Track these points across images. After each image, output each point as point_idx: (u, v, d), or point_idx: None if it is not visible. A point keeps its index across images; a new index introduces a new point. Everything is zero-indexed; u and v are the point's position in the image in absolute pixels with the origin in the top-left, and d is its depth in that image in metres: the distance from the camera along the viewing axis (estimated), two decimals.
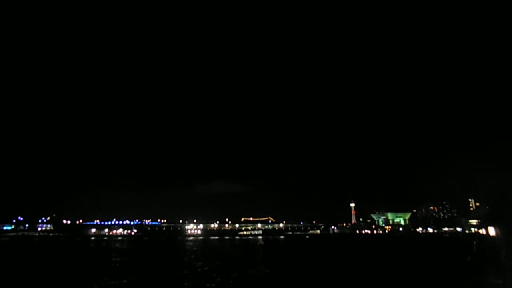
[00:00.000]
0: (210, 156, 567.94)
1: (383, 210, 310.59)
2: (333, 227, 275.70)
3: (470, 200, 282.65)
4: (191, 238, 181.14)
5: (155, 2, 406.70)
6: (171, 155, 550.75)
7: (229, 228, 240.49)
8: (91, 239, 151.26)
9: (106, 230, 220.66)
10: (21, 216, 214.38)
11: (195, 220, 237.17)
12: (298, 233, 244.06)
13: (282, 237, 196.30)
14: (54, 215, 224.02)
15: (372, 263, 46.37)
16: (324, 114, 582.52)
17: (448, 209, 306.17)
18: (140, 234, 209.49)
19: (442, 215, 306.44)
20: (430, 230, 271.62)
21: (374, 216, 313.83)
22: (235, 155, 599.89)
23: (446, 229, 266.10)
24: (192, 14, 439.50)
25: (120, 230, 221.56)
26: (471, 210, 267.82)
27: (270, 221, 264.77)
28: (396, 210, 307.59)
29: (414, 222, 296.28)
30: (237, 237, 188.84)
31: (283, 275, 34.47)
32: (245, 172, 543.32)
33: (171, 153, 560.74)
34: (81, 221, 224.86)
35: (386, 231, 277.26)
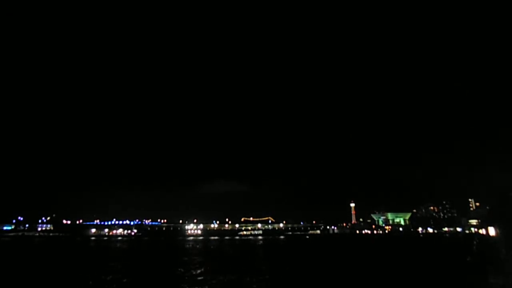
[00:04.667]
0: (210, 156, 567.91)
1: (383, 210, 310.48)
2: (333, 227, 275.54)
3: (470, 200, 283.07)
4: (191, 238, 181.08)
5: (155, 2, 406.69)
6: (171, 155, 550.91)
7: (229, 228, 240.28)
8: (91, 239, 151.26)
9: (106, 230, 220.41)
10: (21, 216, 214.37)
11: (195, 220, 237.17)
12: (298, 233, 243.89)
13: (282, 237, 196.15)
14: (54, 215, 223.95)
15: (372, 263, 46.36)
16: (324, 115, 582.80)
17: (448, 209, 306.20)
18: (140, 234, 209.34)
19: (442, 215, 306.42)
20: (430, 230, 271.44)
21: (374, 216, 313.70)
22: (236, 155, 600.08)
23: (446, 229, 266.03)
24: (192, 14, 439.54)
25: (120, 230, 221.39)
26: (471, 210, 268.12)
27: (270, 221, 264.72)
28: (396, 210, 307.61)
29: (414, 222, 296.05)
30: (237, 237, 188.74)
31: (283, 275, 34.46)
32: (245, 172, 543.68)
33: (171, 153, 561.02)
34: (81, 221, 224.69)
35: (386, 231, 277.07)
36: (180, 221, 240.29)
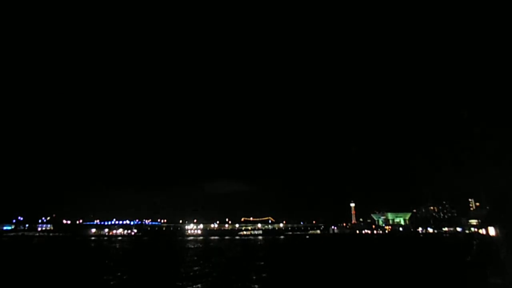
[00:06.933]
0: (211, 156, 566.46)
1: (383, 210, 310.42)
2: (333, 227, 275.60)
3: (470, 200, 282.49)
4: (191, 238, 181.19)
5: (155, 2, 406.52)
6: (171, 155, 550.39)
7: (229, 228, 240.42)
8: (91, 239, 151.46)
9: (106, 230, 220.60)
10: (21, 216, 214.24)
11: (195, 220, 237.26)
12: (298, 233, 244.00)
13: (282, 237, 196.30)
14: (54, 215, 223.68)
15: (372, 263, 46.36)
16: (324, 114, 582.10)
17: (448, 209, 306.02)
18: (140, 234, 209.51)
19: (442, 215, 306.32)
20: (430, 230, 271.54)
21: (374, 216, 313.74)
22: (236, 155, 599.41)
23: (446, 229, 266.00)
24: (192, 14, 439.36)
25: (120, 230, 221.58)
26: (471, 210, 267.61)
27: (270, 221, 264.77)
28: (396, 210, 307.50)
29: (414, 222, 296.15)
30: (237, 237, 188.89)
31: (284, 274, 34.46)
32: (245, 172, 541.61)
33: (171, 153, 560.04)
34: (81, 221, 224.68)
35: (386, 231, 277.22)
36: (180, 221, 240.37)
